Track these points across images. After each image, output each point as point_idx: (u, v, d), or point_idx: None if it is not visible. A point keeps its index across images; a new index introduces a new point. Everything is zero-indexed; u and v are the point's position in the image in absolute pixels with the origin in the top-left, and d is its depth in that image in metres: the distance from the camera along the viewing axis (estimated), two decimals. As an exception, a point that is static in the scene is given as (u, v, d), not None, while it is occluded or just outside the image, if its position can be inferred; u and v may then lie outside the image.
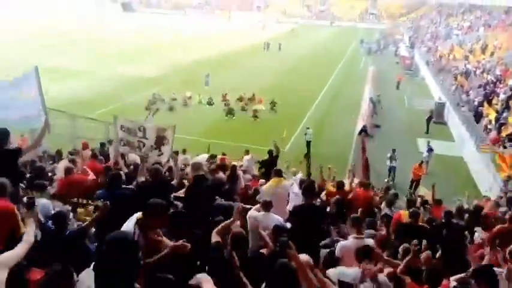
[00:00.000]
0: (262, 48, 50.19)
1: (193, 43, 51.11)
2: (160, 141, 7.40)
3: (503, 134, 17.46)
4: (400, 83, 33.98)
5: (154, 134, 7.41)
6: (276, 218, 5.73)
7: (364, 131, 21.18)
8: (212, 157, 11.37)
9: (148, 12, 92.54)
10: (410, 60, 43.98)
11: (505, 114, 19.35)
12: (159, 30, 62.45)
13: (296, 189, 7.49)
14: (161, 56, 41.04)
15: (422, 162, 16.90)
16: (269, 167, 11.41)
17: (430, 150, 18.65)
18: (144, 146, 7.53)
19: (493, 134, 18.06)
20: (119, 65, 36.02)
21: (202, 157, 11.63)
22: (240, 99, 26.22)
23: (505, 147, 15.99)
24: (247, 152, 13.85)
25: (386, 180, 16.60)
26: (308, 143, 19.47)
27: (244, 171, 11.22)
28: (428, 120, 23.94)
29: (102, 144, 12.03)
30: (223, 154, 12.66)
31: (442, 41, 48.00)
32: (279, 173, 7.49)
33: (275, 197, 6.58)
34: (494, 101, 21.75)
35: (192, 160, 10.30)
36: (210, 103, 26.39)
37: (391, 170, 17.44)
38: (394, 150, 17.67)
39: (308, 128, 20.15)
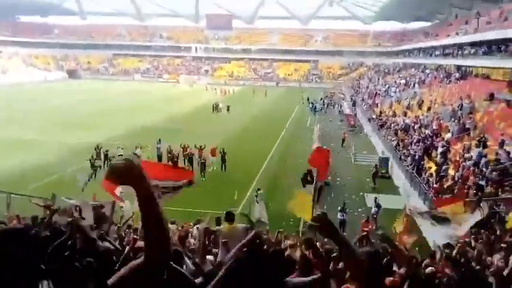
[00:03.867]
0: (212, 110, 50.94)
1: (141, 108, 51.09)
2: (99, 220, 7.00)
3: (445, 186, 18.28)
4: (346, 140, 35.31)
5: (91, 213, 7.02)
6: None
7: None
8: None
9: (94, 78, 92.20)
10: (353, 117, 46.13)
11: (444, 167, 20.39)
12: (105, 96, 62.17)
13: None
14: (108, 123, 40.47)
15: (368, 218, 17.30)
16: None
17: (378, 206, 19.20)
18: None
19: (436, 186, 18.86)
20: (63, 133, 35.10)
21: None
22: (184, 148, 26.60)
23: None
24: (197, 221, 13.51)
25: None
26: (259, 205, 19.37)
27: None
28: (374, 175, 24.81)
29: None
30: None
31: (381, 98, 50.88)
32: (231, 218, 7.60)
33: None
34: (433, 155, 22.93)
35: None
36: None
37: (342, 223, 17.81)
38: (344, 204, 18.26)
39: (259, 189, 20.20)
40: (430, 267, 6.88)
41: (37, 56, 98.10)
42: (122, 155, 25.27)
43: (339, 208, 18.23)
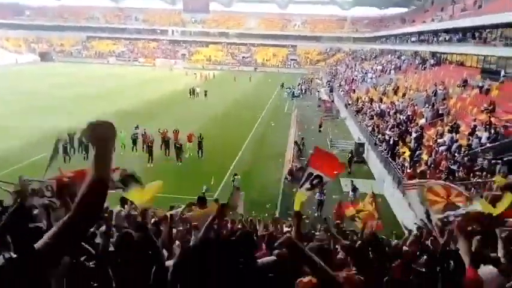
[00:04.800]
0: (189, 95, 50.37)
1: (118, 92, 50.15)
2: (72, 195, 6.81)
3: (418, 170, 18.59)
4: (322, 126, 35.52)
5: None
6: None
7: (291, 174, 21.70)
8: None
9: (67, 62, 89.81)
10: (330, 103, 46.42)
11: (418, 152, 20.73)
12: (79, 80, 60.71)
13: None
14: (83, 108, 39.52)
15: (341, 202, 17.55)
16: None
17: (354, 189, 19.49)
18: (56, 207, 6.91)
19: (409, 171, 19.17)
20: (34, 118, 34.17)
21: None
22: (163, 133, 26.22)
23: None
24: (171, 208, 13.34)
25: (315, 213, 17.19)
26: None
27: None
28: (350, 160, 25.08)
29: None
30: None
31: (358, 84, 51.26)
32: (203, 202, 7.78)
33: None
34: (407, 140, 23.27)
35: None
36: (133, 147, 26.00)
37: (320, 203, 18.33)
38: (322, 185, 18.51)
39: (236, 175, 20.20)
40: (404, 247, 7.07)
41: (8, 38, 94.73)
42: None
43: (317, 189, 18.49)
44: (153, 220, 9.49)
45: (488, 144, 17.42)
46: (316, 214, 17.72)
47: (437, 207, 8.04)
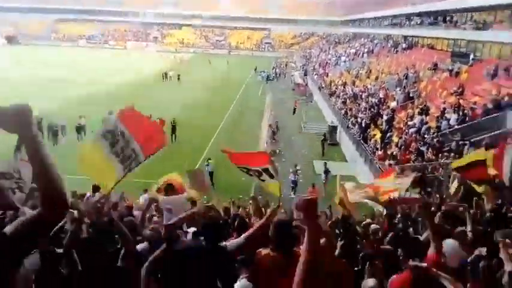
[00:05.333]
0: (161, 79, 49.59)
1: (87, 76, 48.82)
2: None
3: (389, 152, 18.95)
4: (296, 109, 35.65)
5: (29, 171, 6.54)
6: None
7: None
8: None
9: (36, 45, 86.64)
10: (304, 86, 46.56)
11: (389, 134, 21.10)
12: (47, 63, 58.81)
13: None
14: (53, 91, 38.35)
15: (314, 184, 17.78)
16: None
17: (327, 172, 19.73)
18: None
19: (380, 153, 19.53)
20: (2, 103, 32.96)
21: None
22: None
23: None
24: (145, 191, 13.22)
25: (289, 194, 17.40)
26: (210, 174, 19.32)
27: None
28: (323, 143, 25.36)
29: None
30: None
31: (332, 67, 51.53)
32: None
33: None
34: (379, 122, 23.64)
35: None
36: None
37: (294, 184, 18.66)
38: (296, 165, 18.94)
39: (209, 159, 20.08)
40: (373, 225, 7.24)
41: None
42: (82, 124, 24.25)
43: (291, 170, 18.87)
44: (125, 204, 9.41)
45: (456, 126, 17.87)
46: (290, 195, 17.87)
47: (383, 200, 8.26)
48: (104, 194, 8.49)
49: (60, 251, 3.97)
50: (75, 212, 4.39)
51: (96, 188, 8.96)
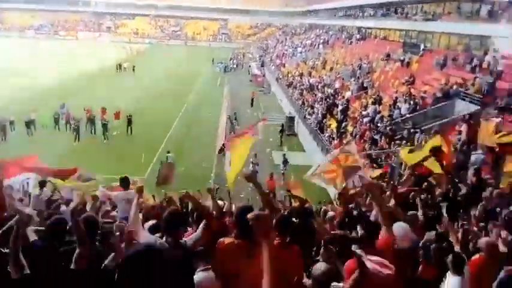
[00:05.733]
0: (115, 70, 48.24)
1: (38, 68, 46.64)
2: None
3: (344, 141, 19.40)
4: (254, 100, 35.73)
5: None
6: None
7: (223, 149, 21.65)
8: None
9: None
10: (261, 77, 46.70)
11: (344, 124, 21.59)
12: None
13: None
14: (1, 84, 36.32)
15: (272, 174, 17.91)
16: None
17: (285, 162, 19.97)
18: None
19: (336, 142, 19.95)
20: None
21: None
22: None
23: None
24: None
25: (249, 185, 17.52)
26: (171, 167, 19.04)
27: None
28: (281, 133, 25.60)
29: None
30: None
31: (289, 58, 51.93)
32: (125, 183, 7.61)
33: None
34: (334, 112, 24.12)
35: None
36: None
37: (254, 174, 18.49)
38: (255, 155, 19.14)
39: (169, 152, 19.79)
40: (330, 212, 7.45)
41: None
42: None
43: (251, 160, 18.86)
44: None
45: (408, 115, 18.52)
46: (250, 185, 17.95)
47: (338, 180, 8.54)
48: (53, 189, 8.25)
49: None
50: (27, 210, 4.24)
51: (42, 184, 8.65)
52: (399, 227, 4.68)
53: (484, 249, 4.36)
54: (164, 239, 3.68)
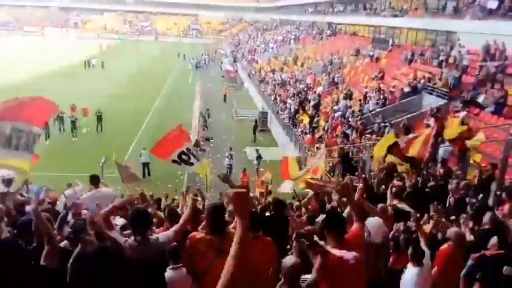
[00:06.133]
0: (83, 67, 47.14)
1: (1, 64, 44.99)
2: None
3: (316, 136, 19.64)
4: (227, 96, 35.64)
5: None
6: None
7: (198, 143, 21.55)
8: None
9: None
10: (234, 73, 46.58)
11: (316, 119, 21.83)
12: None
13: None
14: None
15: (245, 169, 17.97)
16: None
17: (259, 157, 20.04)
18: None
19: (309, 137, 20.17)
20: None
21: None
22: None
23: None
24: (69, 185, 12.47)
25: None
26: (144, 165, 18.80)
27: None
28: (254, 129, 25.66)
29: None
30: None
31: (260, 54, 51.97)
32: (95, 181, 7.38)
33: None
34: (307, 108, 24.35)
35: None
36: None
37: (229, 167, 19.10)
38: (231, 149, 19.86)
39: (144, 149, 19.45)
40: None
41: None
42: None
43: (226, 154, 19.04)
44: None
45: (377, 109, 18.89)
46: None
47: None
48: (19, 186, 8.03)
49: None
50: None
51: (9, 182, 8.35)
52: (372, 222, 4.79)
53: (452, 239, 4.51)
54: (133, 237, 3.68)
